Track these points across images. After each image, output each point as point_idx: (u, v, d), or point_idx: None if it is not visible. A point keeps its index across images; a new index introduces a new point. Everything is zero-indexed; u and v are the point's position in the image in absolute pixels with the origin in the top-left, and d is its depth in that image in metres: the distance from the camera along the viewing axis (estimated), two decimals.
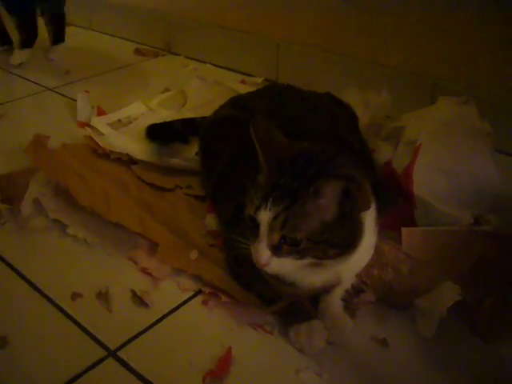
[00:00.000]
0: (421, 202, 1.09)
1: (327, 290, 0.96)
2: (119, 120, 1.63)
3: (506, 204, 1.16)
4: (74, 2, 2.51)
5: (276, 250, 0.83)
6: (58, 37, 2.18)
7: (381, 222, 0.94)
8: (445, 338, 0.93)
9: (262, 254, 0.83)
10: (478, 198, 1.11)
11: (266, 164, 0.86)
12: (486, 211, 1.10)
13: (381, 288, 0.99)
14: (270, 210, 0.81)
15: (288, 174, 0.84)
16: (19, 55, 2.10)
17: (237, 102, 1.36)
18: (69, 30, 2.40)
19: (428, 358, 0.91)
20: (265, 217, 0.82)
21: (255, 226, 0.84)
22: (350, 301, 0.98)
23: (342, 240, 0.84)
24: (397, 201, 1.13)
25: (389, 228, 1.04)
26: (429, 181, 1.10)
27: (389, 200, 1.12)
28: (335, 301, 0.96)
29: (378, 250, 0.97)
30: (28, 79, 2.00)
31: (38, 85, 1.95)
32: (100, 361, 0.90)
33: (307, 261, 0.84)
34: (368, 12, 1.66)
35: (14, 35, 2.13)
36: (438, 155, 1.13)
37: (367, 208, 0.85)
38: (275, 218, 0.81)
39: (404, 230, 1.03)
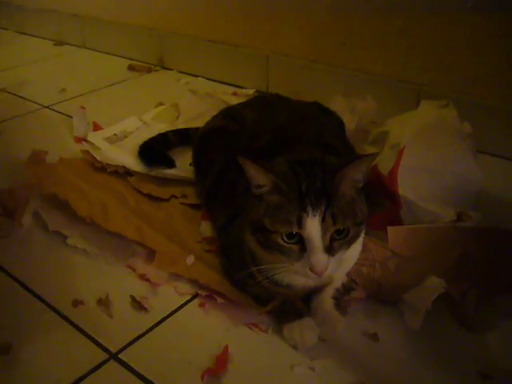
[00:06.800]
0: (406, 201, 1.13)
1: (319, 289, 1.00)
2: (115, 134, 1.66)
3: (487, 201, 1.21)
4: (67, 21, 2.57)
5: (330, 250, 0.86)
6: None
7: (368, 223, 0.96)
8: (432, 330, 0.96)
9: (323, 259, 0.84)
10: (461, 195, 1.15)
11: (278, 183, 0.87)
12: (468, 208, 1.13)
13: (370, 285, 1.02)
14: (314, 215, 0.83)
15: (303, 180, 0.86)
16: None
17: (228, 113, 1.40)
18: (63, 49, 2.46)
19: (416, 349, 0.94)
20: (313, 224, 0.83)
21: (297, 242, 0.86)
22: (341, 299, 1.01)
23: (365, 214, 0.91)
24: (383, 202, 1.16)
25: (376, 228, 1.07)
26: (413, 181, 1.14)
27: (376, 202, 1.16)
28: (326, 299, 0.99)
29: (365, 248, 1.00)
30: (24, 97, 2.03)
31: (35, 103, 1.98)
32: (102, 363, 0.93)
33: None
34: (352, 23, 1.70)
35: None
36: (421, 156, 1.17)
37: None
38: (323, 219, 0.84)
39: (390, 229, 1.05)
